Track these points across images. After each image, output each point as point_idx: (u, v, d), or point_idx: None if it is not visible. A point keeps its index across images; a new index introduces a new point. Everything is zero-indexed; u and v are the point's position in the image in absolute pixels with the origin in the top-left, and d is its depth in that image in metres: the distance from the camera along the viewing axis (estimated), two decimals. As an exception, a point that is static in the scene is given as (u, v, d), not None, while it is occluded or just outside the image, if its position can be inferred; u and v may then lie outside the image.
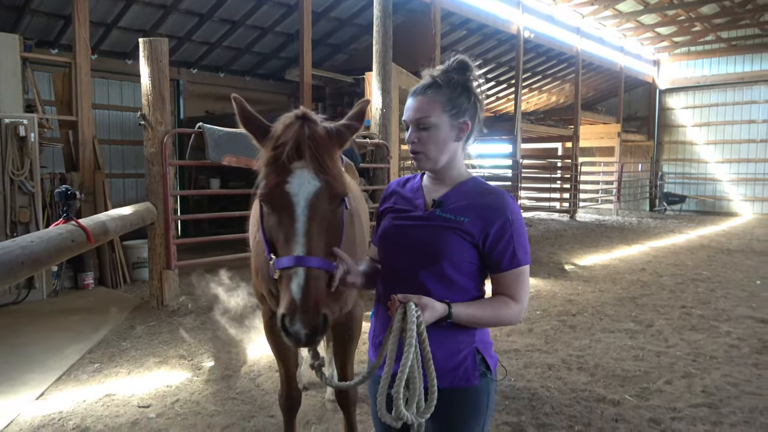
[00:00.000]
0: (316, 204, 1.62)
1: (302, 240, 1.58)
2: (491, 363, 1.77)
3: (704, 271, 8.94)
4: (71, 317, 5.74)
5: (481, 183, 1.79)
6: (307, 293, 1.52)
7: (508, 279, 1.70)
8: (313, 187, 1.63)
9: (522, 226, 1.71)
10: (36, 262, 2.95)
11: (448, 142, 1.73)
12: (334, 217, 1.70)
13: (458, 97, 1.73)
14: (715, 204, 20.66)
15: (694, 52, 20.78)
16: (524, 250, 1.70)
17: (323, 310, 1.54)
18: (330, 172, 1.66)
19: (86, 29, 7.15)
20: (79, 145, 7.14)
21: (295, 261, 1.55)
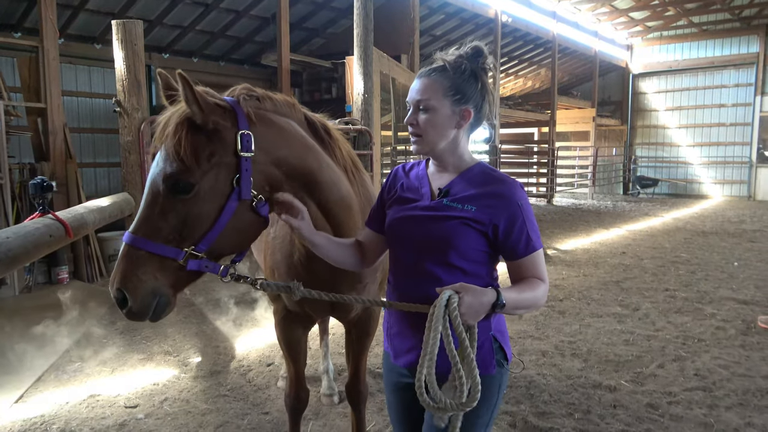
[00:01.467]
0: (153, 188, 1.62)
1: (135, 219, 1.63)
2: (508, 353, 1.76)
3: (683, 253, 9.08)
4: (47, 314, 5.49)
5: (488, 169, 1.74)
6: (117, 266, 1.60)
7: (526, 265, 1.67)
8: (155, 170, 1.63)
9: (530, 211, 1.68)
10: (13, 259, 2.75)
11: (447, 127, 1.68)
12: (183, 204, 1.60)
13: (464, 82, 1.68)
14: (686, 187, 21.08)
15: (666, 36, 21.04)
16: (537, 234, 1.68)
17: (121, 287, 1.57)
18: (170, 157, 1.59)
19: (53, 11, 6.80)
20: (49, 133, 6.82)
21: (123, 237, 1.63)
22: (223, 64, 13.14)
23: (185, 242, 1.62)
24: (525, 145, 20.69)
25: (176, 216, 1.61)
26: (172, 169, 1.58)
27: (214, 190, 1.62)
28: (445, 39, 15.60)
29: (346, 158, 2.12)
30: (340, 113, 8.68)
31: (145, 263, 1.59)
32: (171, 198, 1.60)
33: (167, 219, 1.60)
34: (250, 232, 1.75)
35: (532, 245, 1.65)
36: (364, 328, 2.55)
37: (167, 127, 1.61)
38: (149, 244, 1.59)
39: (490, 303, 1.51)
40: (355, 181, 2.14)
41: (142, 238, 1.59)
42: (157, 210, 1.61)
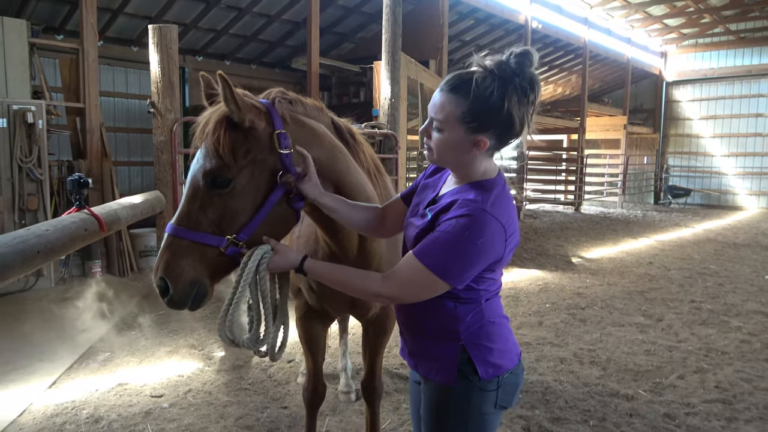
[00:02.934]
0: (195, 182, 1.72)
1: (177, 211, 1.73)
2: (480, 369, 1.64)
3: (712, 265, 8.90)
4: (80, 305, 5.72)
5: (478, 189, 1.60)
6: (161, 255, 1.70)
7: (405, 257, 1.61)
8: (196, 166, 1.73)
9: (459, 242, 1.51)
10: (51, 250, 2.91)
11: (458, 150, 1.60)
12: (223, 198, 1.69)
13: (485, 109, 1.53)
14: (720, 197, 20.58)
15: (702, 44, 20.61)
16: (435, 257, 1.53)
17: (162, 275, 1.68)
18: (210, 154, 1.68)
19: (94, 14, 7.08)
20: (87, 132, 7.09)
21: (167, 227, 1.72)
22: (254, 67, 13.39)
23: (225, 232, 1.70)
24: (553, 152, 20.48)
25: (215, 208, 1.70)
26: (211, 165, 1.68)
27: (252, 184, 1.71)
28: (474, 44, 15.59)
29: (369, 161, 2.21)
30: (367, 117, 8.79)
31: (188, 253, 1.68)
32: (210, 192, 1.69)
33: (207, 211, 1.70)
34: (285, 226, 1.84)
35: (420, 253, 1.56)
36: (381, 327, 2.62)
37: (207, 126, 1.70)
38: (192, 234, 1.68)
39: (292, 266, 1.71)
40: (377, 184, 2.23)
41: (185, 229, 1.68)
42: (198, 203, 1.70)
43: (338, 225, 1.97)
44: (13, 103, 6.05)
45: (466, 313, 1.66)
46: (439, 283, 1.55)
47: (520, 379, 1.77)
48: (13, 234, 2.71)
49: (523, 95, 1.54)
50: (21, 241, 2.69)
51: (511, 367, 1.71)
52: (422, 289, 1.59)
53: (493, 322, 1.70)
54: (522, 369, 1.78)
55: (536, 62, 1.54)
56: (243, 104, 1.68)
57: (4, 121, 5.96)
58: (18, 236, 2.72)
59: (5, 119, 5.97)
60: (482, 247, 1.53)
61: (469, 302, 1.66)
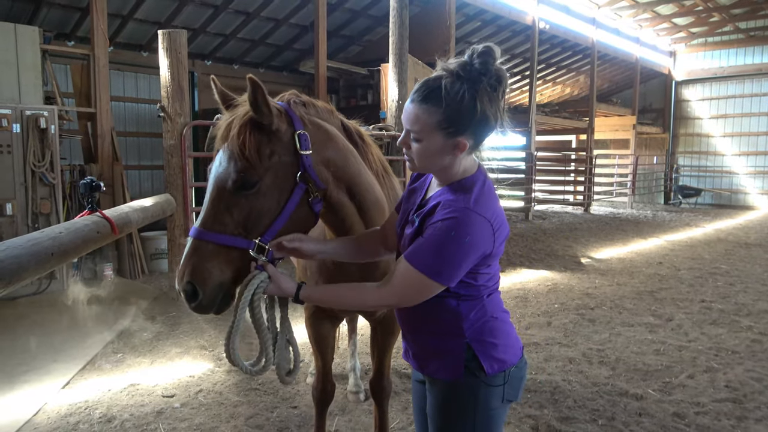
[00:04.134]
0: (219, 184, 1.71)
1: (201, 215, 1.72)
2: (486, 364, 1.67)
3: (722, 264, 8.85)
4: (92, 307, 5.80)
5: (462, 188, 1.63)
6: (186, 260, 1.69)
7: (397, 263, 1.63)
8: (220, 168, 1.73)
9: (446, 242, 1.54)
10: (65, 253, 2.96)
11: (439, 156, 1.61)
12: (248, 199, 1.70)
13: (459, 112, 1.54)
14: (731, 197, 20.42)
15: (711, 42, 20.48)
16: (426, 260, 1.56)
17: (189, 280, 1.67)
18: (234, 156, 1.69)
19: (104, 21, 7.18)
20: (98, 137, 7.19)
21: (190, 230, 1.71)
22: (262, 70, 13.49)
23: (251, 234, 1.71)
24: (562, 153, 20.43)
25: (241, 210, 1.70)
26: (237, 167, 1.69)
27: (275, 185, 1.73)
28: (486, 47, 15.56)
29: (377, 162, 2.25)
30: (374, 119, 8.84)
31: (214, 256, 1.68)
32: (236, 194, 1.70)
33: (233, 213, 1.70)
34: (305, 227, 1.86)
35: (411, 257, 1.59)
36: (389, 327, 2.64)
37: (231, 129, 1.72)
38: (219, 237, 1.68)
39: (287, 295, 1.76)
40: (385, 185, 2.27)
41: (211, 232, 1.68)
42: (223, 205, 1.70)
43: (347, 225, 2.00)
44: (26, 109, 6.15)
45: (469, 310, 1.68)
46: (433, 284, 1.59)
47: (524, 373, 1.80)
48: (28, 236, 2.77)
49: (493, 92, 1.55)
50: (35, 243, 2.74)
51: (515, 361, 1.74)
52: (417, 292, 1.62)
53: (495, 318, 1.73)
54: (525, 363, 1.81)
55: (499, 56, 1.55)
56: (273, 107, 1.72)
57: (17, 126, 6.06)
58: (32, 239, 2.77)
59: (19, 125, 6.07)
60: (470, 244, 1.55)
61: (471, 299, 1.69)
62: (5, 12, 8.93)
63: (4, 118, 5.95)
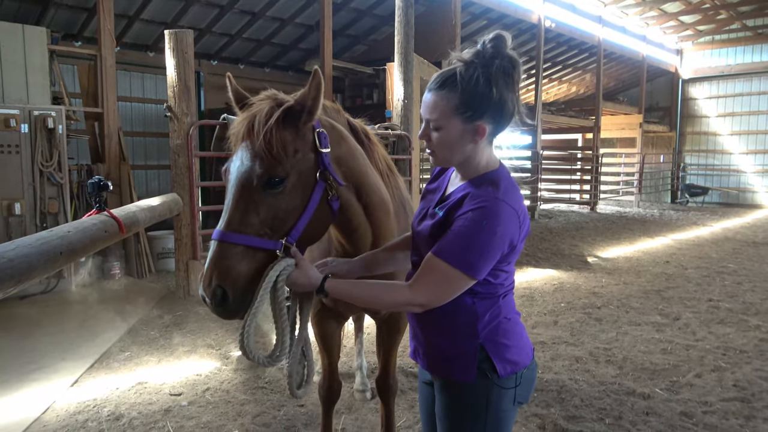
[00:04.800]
0: (244, 183, 1.66)
1: (224, 216, 1.66)
2: (499, 366, 1.65)
3: (730, 263, 8.80)
4: (100, 306, 5.83)
5: (488, 181, 1.62)
6: (212, 264, 1.62)
7: (423, 263, 1.60)
8: (244, 167, 1.67)
9: (478, 233, 1.52)
10: (73, 252, 2.99)
11: (460, 144, 1.62)
12: (275, 197, 1.67)
13: (476, 96, 1.56)
14: (738, 196, 20.29)
15: (718, 40, 20.35)
16: (459, 253, 1.53)
17: (221, 284, 1.60)
18: (261, 154, 1.65)
19: (111, 21, 7.21)
20: (105, 136, 7.22)
21: (214, 234, 1.65)
22: (268, 70, 13.51)
23: (276, 234, 1.68)
24: (568, 152, 20.36)
25: (267, 210, 1.66)
26: (264, 165, 1.65)
27: (300, 183, 1.71)
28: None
29: (382, 162, 2.25)
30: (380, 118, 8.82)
31: (242, 258, 1.63)
32: (263, 193, 1.66)
33: (258, 213, 1.65)
34: (324, 225, 1.84)
35: (441, 250, 1.56)
36: (394, 325, 2.65)
37: (255, 127, 1.67)
38: (245, 238, 1.63)
39: (313, 287, 1.68)
40: (390, 184, 2.26)
41: (237, 234, 1.62)
42: (249, 205, 1.65)
43: (354, 225, 1.99)
44: (34, 109, 6.19)
45: (485, 311, 1.66)
46: (465, 279, 1.56)
47: (535, 375, 1.79)
48: (37, 235, 2.79)
49: (507, 76, 1.57)
50: (44, 242, 2.76)
51: (527, 363, 1.72)
52: (450, 288, 1.58)
53: (509, 319, 1.71)
54: (536, 365, 1.80)
55: (510, 44, 1.58)
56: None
57: (25, 126, 6.10)
58: (41, 238, 2.80)
59: (27, 125, 6.11)
60: (501, 235, 1.54)
61: (487, 297, 1.67)
62: (13, 13, 8.98)
63: (12, 119, 5.99)
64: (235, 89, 1.85)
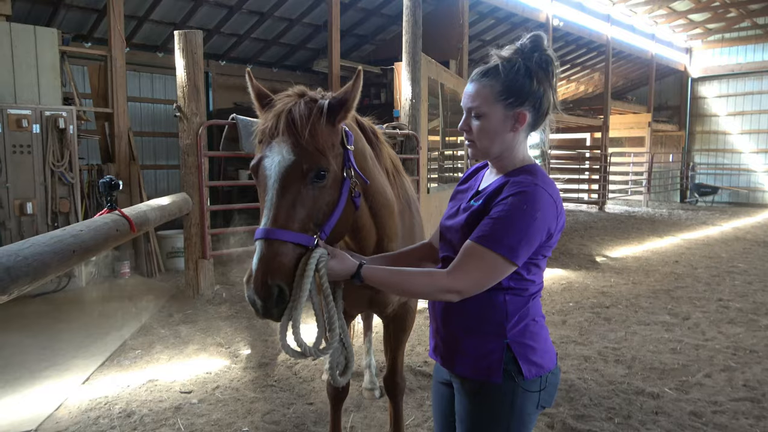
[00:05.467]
0: (287, 178, 1.63)
1: (268, 213, 1.62)
2: (524, 368, 1.63)
3: (740, 263, 8.74)
4: (111, 305, 5.89)
5: (526, 172, 1.64)
6: (263, 264, 1.57)
7: (464, 249, 1.59)
8: (286, 161, 1.64)
9: (520, 217, 1.53)
10: (86, 250, 3.02)
11: (501, 133, 1.63)
12: (316, 192, 1.67)
13: (518, 83, 1.61)
14: (749, 195, 20.14)
15: (728, 39, 20.20)
16: (498, 237, 1.53)
17: (277, 281, 1.57)
18: (305, 146, 1.64)
19: (121, 22, 7.27)
20: (115, 136, 7.28)
21: (260, 233, 1.60)
22: (276, 70, 13.56)
23: (311, 230, 1.67)
24: (576, 151, 20.27)
25: (312, 203, 1.66)
26: (310, 159, 1.64)
27: (336, 177, 1.73)
28: (495, 44, 15.48)
29: (388, 161, 2.26)
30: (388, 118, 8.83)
31: (292, 255, 1.61)
32: (308, 186, 1.65)
33: (305, 207, 1.64)
34: (348, 222, 1.84)
35: (481, 236, 1.55)
36: (401, 324, 2.66)
37: (297, 121, 1.65)
38: (293, 235, 1.61)
39: (350, 273, 1.65)
40: (395, 184, 2.28)
41: (283, 230, 1.60)
42: (294, 200, 1.63)
43: (360, 223, 1.99)
44: (45, 110, 6.26)
45: (515, 310, 1.65)
46: (506, 264, 1.55)
47: (559, 380, 1.77)
48: (51, 234, 2.83)
49: (546, 69, 1.64)
50: (58, 240, 2.80)
51: (552, 367, 1.71)
52: (490, 274, 1.56)
53: (536, 322, 1.70)
54: (559, 370, 1.78)
55: (548, 44, 1.66)
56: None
57: (37, 126, 6.17)
58: (55, 236, 2.83)
59: (38, 125, 6.17)
60: (540, 220, 1.55)
61: (518, 295, 1.66)
62: (25, 14, 9.07)
63: (24, 119, 6.06)
64: (256, 87, 1.83)
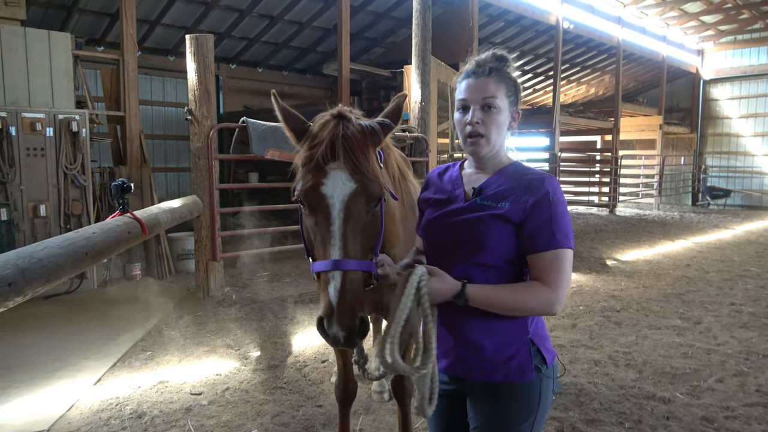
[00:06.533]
0: (352, 206, 1.61)
1: (338, 243, 1.58)
2: (548, 357, 1.69)
3: (753, 267, 8.65)
4: (122, 307, 5.93)
5: (523, 167, 1.73)
6: (343, 296, 1.53)
7: (543, 261, 1.58)
8: (349, 188, 1.62)
9: (563, 209, 1.61)
10: (98, 252, 3.06)
11: (504, 127, 1.70)
12: (372, 217, 1.68)
13: (514, 85, 1.72)
14: (762, 198, 19.93)
15: (740, 40, 20.03)
16: (564, 233, 1.59)
17: (360, 313, 1.55)
18: (365, 173, 1.64)
19: (133, 26, 7.34)
20: (127, 139, 7.35)
21: (332, 264, 1.56)
22: (286, 73, 13.63)
23: (371, 254, 1.68)
24: (587, 153, 20.18)
25: (372, 230, 1.68)
26: (370, 186, 1.64)
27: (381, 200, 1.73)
28: (505, 46, 15.49)
29: (394, 167, 2.27)
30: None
31: (363, 284, 1.61)
32: (369, 213, 1.66)
33: (366, 234, 1.65)
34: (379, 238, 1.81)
35: (555, 241, 1.58)
36: None
37: (355, 147, 1.65)
38: (362, 264, 1.60)
39: (453, 294, 1.58)
40: (399, 189, 2.28)
41: (354, 260, 1.58)
42: (357, 228, 1.62)
43: None
44: (59, 113, 6.33)
45: None
46: (572, 253, 1.62)
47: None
48: (64, 236, 2.86)
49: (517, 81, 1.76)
50: (71, 242, 2.83)
51: (555, 352, 1.77)
52: (569, 272, 1.62)
53: None
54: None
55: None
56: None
57: (50, 130, 6.24)
58: (68, 239, 2.87)
59: (52, 128, 6.25)
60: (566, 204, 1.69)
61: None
62: (38, 19, 9.20)
63: (38, 122, 6.14)
64: (282, 108, 1.79)
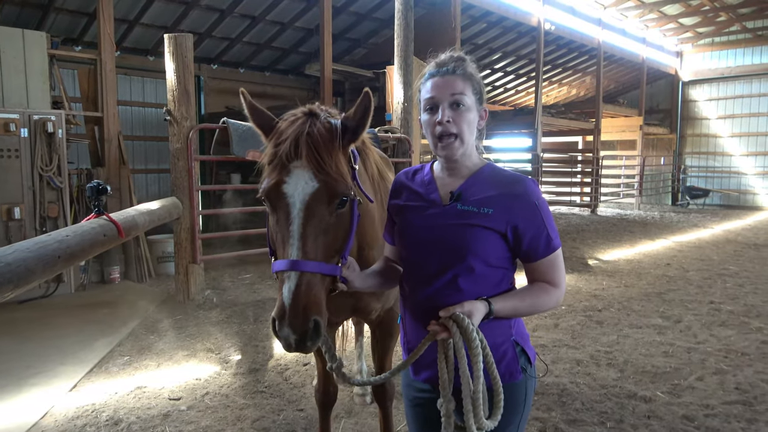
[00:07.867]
0: (314, 205, 1.56)
1: (297, 243, 1.54)
2: (531, 356, 1.70)
3: (731, 266, 8.78)
4: (100, 310, 5.82)
5: (499, 170, 1.71)
6: (297, 298, 1.48)
7: (544, 266, 1.64)
8: (310, 188, 1.57)
9: (548, 209, 1.66)
10: (71, 256, 2.99)
11: (474, 126, 1.67)
12: (338, 218, 1.63)
13: (478, 84, 1.69)
14: (739, 198, 20.28)
15: (718, 42, 20.38)
16: (555, 233, 1.65)
17: (314, 316, 1.49)
18: (329, 172, 1.59)
19: (111, 26, 7.22)
20: (105, 140, 7.22)
21: (289, 265, 1.52)
22: (268, 74, 13.53)
23: (335, 257, 1.63)
24: (568, 154, 20.36)
25: (336, 231, 1.62)
26: (335, 185, 1.59)
27: (350, 201, 1.67)
28: (487, 47, 15.59)
29: (373, 167, 2.23)
30: (380, 121, 8.83)
31: (322, 287, 1.56)
32: (332, 214, 1.60)
33: (329, 236, 1.60)
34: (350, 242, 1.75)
35: (552, 245, 1.63)
36: (387, 330, 2.62)
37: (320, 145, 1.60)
38: (321, 266, 1.55)
39: (483, 312, 1.56)
40: (378, 191, 2.25)
41: (312, 261, 1.54)
42: (319, 228, 1.58)
43: None
44: (34, 113, 6.19)
45: None
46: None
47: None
48: (35, 240, 2.78)
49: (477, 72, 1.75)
50: (43, 246, 2.76)
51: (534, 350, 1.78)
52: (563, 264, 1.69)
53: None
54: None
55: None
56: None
57: (25, 131, 6.11)
58: (39, 242, 2.79)
59: (26, 129, 6.11)
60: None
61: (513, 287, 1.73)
62: (13, 18, 9.01)
63: (12, 123, 6.00)
64: (250, 104, 1.74)
